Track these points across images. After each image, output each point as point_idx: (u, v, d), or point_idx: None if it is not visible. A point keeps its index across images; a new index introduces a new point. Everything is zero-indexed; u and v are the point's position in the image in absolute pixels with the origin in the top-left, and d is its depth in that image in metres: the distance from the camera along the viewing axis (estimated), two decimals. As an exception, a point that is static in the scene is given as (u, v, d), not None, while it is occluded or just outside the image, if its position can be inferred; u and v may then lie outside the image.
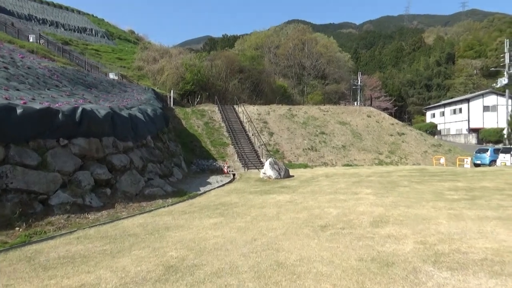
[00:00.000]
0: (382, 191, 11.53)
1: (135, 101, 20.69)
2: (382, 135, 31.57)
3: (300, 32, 73.89)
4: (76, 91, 16.33)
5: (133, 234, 7.25)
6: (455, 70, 77.41)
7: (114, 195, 11.33)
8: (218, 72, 48.00)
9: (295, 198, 10.82)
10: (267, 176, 17.24)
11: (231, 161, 25.18)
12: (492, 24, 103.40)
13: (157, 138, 17.57)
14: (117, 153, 12.19)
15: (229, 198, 11.51)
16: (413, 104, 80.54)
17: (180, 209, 9.98)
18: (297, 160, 26.63)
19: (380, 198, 10.16)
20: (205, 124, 29.59)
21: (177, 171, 17.39)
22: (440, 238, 5.69)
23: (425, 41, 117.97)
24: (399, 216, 7.53)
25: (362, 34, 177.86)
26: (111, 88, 22.73)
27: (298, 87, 67.63)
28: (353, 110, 35.84)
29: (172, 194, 12.94)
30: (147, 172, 13.61)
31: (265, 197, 11.49)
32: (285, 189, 13.26)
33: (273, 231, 6.70)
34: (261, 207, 9.44)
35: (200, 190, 14.34)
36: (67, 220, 9.14)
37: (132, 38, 63.15)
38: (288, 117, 32.39)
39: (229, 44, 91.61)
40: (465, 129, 52.67)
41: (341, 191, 12.09)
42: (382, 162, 27.51)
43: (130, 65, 46.78)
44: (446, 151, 30.73)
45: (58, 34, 46.84)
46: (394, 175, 17.10)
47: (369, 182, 14.31)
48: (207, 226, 7.55)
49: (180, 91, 41.36)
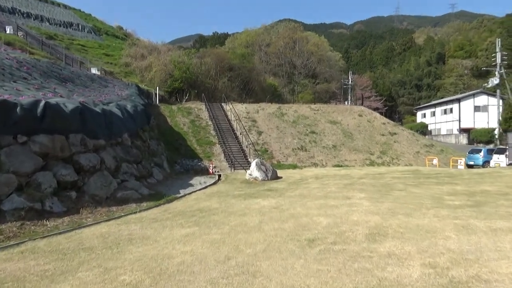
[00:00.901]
0: (376, 196, 10.57)
1: (115, 96, 19.47)
2: (373, 135, 30.75)
3: (291, 31, 73.03)
4: (47, 85, 15.07)
5: (89, 247, 6.15)
6: (445, 70, 77.33)
7: (81, 199, 10.18)
8: (208, 69, 46.99)
9: (281, 204, 9.79)
10: (253, 178, 16.19)
11: (217, 161, 24.10)
12: (482, 25, 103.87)
13: (137, 136, 16.40)
14: (86, 152, 11.02)
15: (208, 203, 10.43)
16: (404, 104, 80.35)
17: (152, 216, 8.88)
18: (286, 160, 25.63)
19: (375, 203, 9.19)
20: (191, 122, 28.43)
21: (157, 171, 16.25)
22: (452, 258, 4.70)
23: (415, 41, 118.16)
24: (398, 227, 6.54)
25: (353, 34, 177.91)
26: (90, 83, 21.45)
27: (289, 86, 66.82)
28: (344, 109, 34.98)
29: (148, 198, 11.83)
30: (121, 173, 12.45)
31: (249, 201, 10.44)
32: (272, 193, 12.23)
33: (252, 247, 5.65)
34: (243, 215, 8.39)
35: (179, 193, 13.25)
36: (21, 229, 7.99)
37: (120, 34, 61.60)
38: (277, 115, 31.39)
39: (220, 42, 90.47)
40: (456, 129, 52.28)
41: (332, 195, 11.10)
42: (373, 162, 26.67)
43: (117, 61, 45.43)
44: (439, 152, 30.04)
45: (43, 28, 45.27)
46: (387, 177, 16.20)
47: (362, 185, 13.36)
48: (177, 238, 6.48)
49: (168, 89, 40.24)
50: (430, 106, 61.92)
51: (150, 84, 40.01)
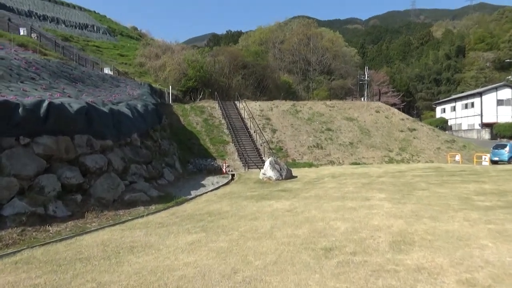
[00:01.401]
0: (397, 196, 9.87)
1: (126, 96, 19.16)
2: (392, 131, 29.77)
3: (305, 27, 71.92)
4: (56, 85, 14.81)
5: (86, 257, 5.70)
6: (465, 63, 74.98)
7: (86, 202, 9.80)
8: (221, 68, 46.62)
9: (295, 206, 9.19)
10: (267, 177, 15.62)
11: (231, 160, 23.62)
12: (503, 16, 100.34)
13: (147, 136, 16.02)
14: (93, 153, 10.65)
15: (219, 206, 9.92)
16: (422, 99, 78.36)
17: (159, 220, 8.41)
18: (302, 159, 24.96)
19: (396, 205, 8.51)
20: (204, 121, 28.02)
21: (168, 172, 15.83)
22: (493, 273, 4.04)
23: (433, 35, 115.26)
24: (425, 233, 5.88)
25: (368, 29, 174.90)
26: (101, 83, 21.21)
27: (304, 83, 65.85)
28: (361, 105, 34.03)
29: (157, 200, 11.39)
30: (130, 174, 12.06)
31: (261, 204, 9.88)
32: (286, 193, 11.64)
33: (261, 257, 5.09)
34: (254, 219, 7.83)
35: (190, 194, 12.79)
36: (21, 235, 7.62)
37: (134, 35, 61.79)
38: (292, 113, 30.70)
39: (233, 40, 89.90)
40: (477, 124, 50.52)
41: (350, 195, 10.44)
42: (392, 160, 25.76)
43: (132, 62, 45.47)
44: (461, 148, 28.87)
45: (59, 30, 45.62)
46: (408, 175, 15.40)
47: (381, 184, 12.64)
48: (181, 246, 5.97)
49: (182, 88, 40.01)
50: (450, 100, 60.07)
51: (164, 83, 39.84)
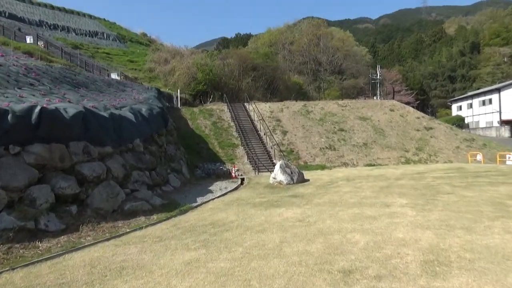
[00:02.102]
0: (421, 201, 8.95)
1: (131, 100, 18.62)
2: (407, 130, 28.64)
3: (314, 27, 70.92)
4: (57, 91, 14.29)
5: (68, 282, 4.97)
6: (480, 59, 72.97)
7: (83, 213, 9.12)
8: (231, 70, 46.11)
9: (307, 214, 8.35)
10: (277, 182, 14.79)
11: (240, 163, 22.87)
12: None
13: (152, 141, 15.38)
14: (90, 161, 9.99)
15: (225, 214, 9.13)
16: (436, 97, 76.59)
17: (158, 233, 7.67)
18: (314, 161, 24.06)
19: (421, 212, 7.60)
20: (212, 124, 27.34)
21: (174, 178, 15.13)
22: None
23: (446, 32, 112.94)
24: (462, 249, 4.99)
25: (379, 28, 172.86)
26: (106, 88, 20.73)
27: (314, 83, 64.87)
28: (374, 104, 32.94)
29: (160, 209, 10.67)
30: (131, 182, 11.37)
31: (270, 212, 9.06)
32: (297, 199, 10.80)
33: (267, 283, 4.29)
34: (261, 231, 7.02)
35: (196, 202, 12.04)
36: (7, 253, 6.97)
37: (144, 41, 61.92)
38: (303, 113, 29.82)
39: (243, 43, 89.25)
40: (496, 121, 48.77)
41: (368, 201, 9.55)
42: (409, 160, 24.67)
43: (141, 67, 45.49)
44: (481, 146, 27.58)
45: (69, 38, 45.98)
46: (428, 177, 14.40)
47: (401, 188, 11.70)
48: (176, 267, 5.20)
49: (192, 92, 39.62)
50: (467, 97, 58.30)
51: (174, 88, 39.54)
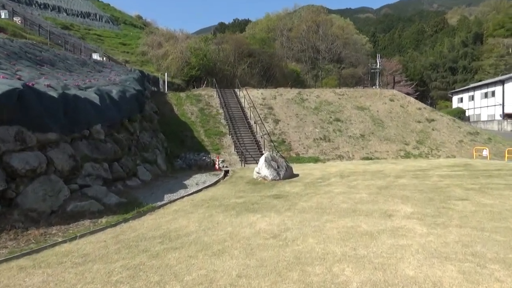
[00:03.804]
0: (430, 210, 7.16)
1: (104, 81, 16.62)
2: (408, 122, 26.81)
3: (314, 13, 68.53)
4: (8, 66, 12.30)
5: None
6: (483, 50, 70.85)
7: (7, 216, 7.28)
8: (226, 56, 44.08)
9: (286, 227, 6.51)
10: (261, 177, 12.99)
11: (226, 154, 21.04)
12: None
13: (121, 127, 13.48)
14: (24, 150, 8.11)
15: (185, 221, 7.31)
16: (436, 88, 74.69)
17: (88, 249, 5.85)
18: (307, 153, 22.25)
19: (434, 229, 5.80)
20: (200, 110, 25.39)
21: (144, 170, 13.27)
22: None
23: (448, 22, 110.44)
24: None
25: (380, 18, 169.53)
26: (78, 67, 18.69)
27: (312, 72, 62.79)
28: (373, 93, 30.99)
29: (115, 209, 8.84)
30: (82, 176, 9.49)
31: (242, 220, 7.24)
32: (279, 202, 8.98)
33: None
34: (219, 253, 5.20)
35: (163, 200, 10.22)
36: None
37: (138, 24, 59.57)
38: (297, 102, 27.88)
39: (240, 28, 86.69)
40: (498, 114, 47.04)
41: (364, 207, 7.76)
42: (409, 154, 22.90)
43: (134, 50, 43.31)
44: (485, 141, 25.83)
45: (59, 19, 43.66)
46: (433, 175, 12.63)
47: (403, 189, 9.91)
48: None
49: (185, 77, 37.72)
50: (469, 89, 56.41)
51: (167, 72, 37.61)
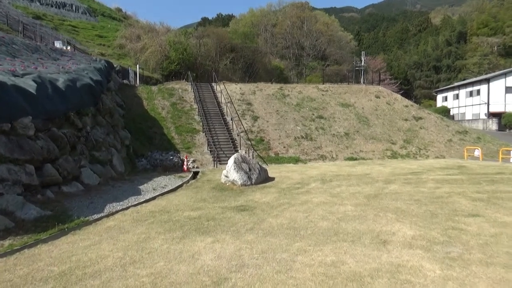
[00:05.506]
0: (436, 233, 5.37)
1: (54, 69, 14.45)
2: (394, 119, 25.28)
3: (298, 9, 66.89)
4: None
5: None
6: (467, 49, 70.33)
7: None
8: (208, 51, 42.04)
9: (240, 261, 4.59)
10: (230, 181, 11.04)
11: (199, 153, 19.07)
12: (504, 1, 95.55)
13: (65, 122, 11.36)
14: None
15: (108, 248, 5.33)
16: (420, 87, 73.98)
17: None
18: (287, 152, 20.43)
19: (451, 269, 4.01)
20: (172, 105, 23.29)
21: (90, 173, 11.17)
22: None
23: (431, 22, 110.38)
24: None
25: (364, 17, 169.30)
26: (27, 53, 16.40)
27: (296, 68, 61.24)
28: (358, 89, 29.37)
29: (30, 226, 6.80)
30: (-8, 182, 7.42)
31: (183, 247, 5.30)
32: (243, 217, 7.07)
33: None
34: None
35: (101, 212, 8.21)
36: None
37: (118, 16, 56.67)
38: (278, 97, 26.02)
39: (224, 24, 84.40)
40: (483, 113, 46.19)
41: (349, 227, 5.92)
42: (396, 154, 21.34)
43: (111, 43, 40.77)
44: (475, 140, 24.51)
45: (31, 8, 40.75)
46: (427, 180, 10.93)
47: (395, 199, 8.13)
48: None
49: (164, 72, 35.56)
50: (453, 88, 55.53)
51: (145, 66, 35.36)
